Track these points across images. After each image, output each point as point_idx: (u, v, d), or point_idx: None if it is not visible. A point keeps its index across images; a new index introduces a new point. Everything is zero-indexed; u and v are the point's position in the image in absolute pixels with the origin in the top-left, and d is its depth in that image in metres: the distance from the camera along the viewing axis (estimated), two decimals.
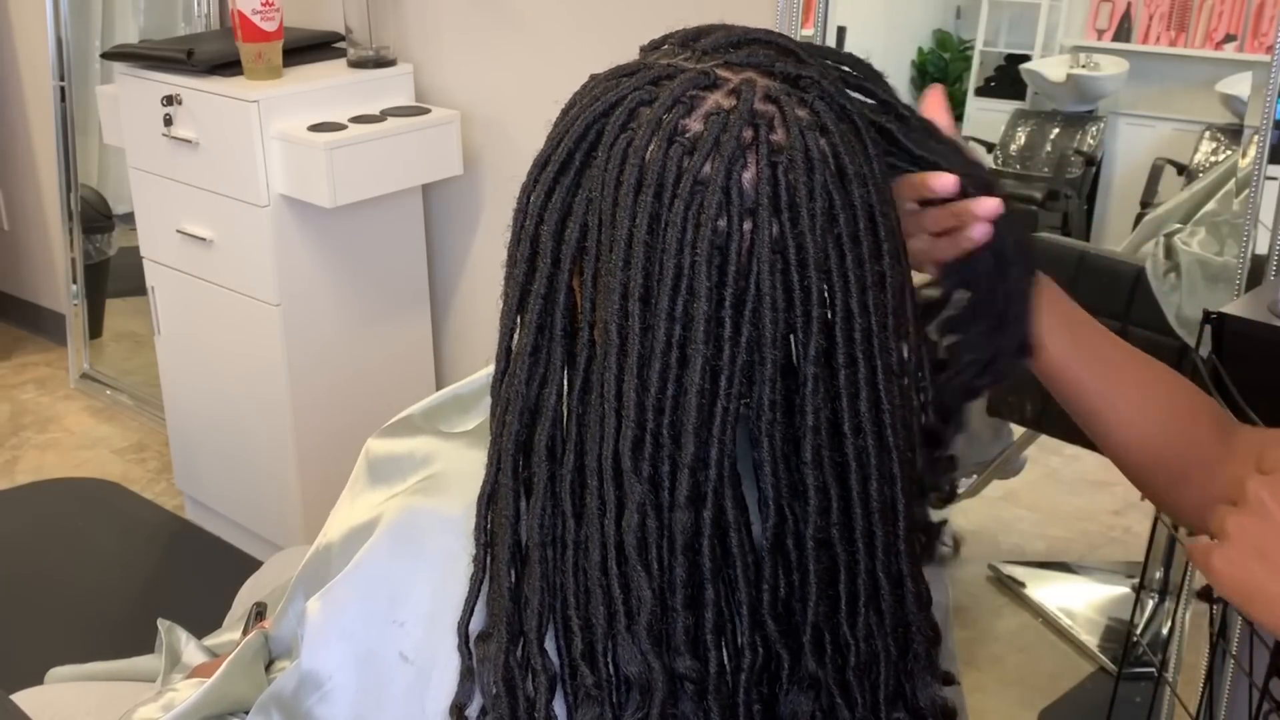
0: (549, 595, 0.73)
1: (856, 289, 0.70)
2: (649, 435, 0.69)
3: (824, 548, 0.72)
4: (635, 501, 0.69)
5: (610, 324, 0.70)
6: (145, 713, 1.03)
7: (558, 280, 0.72)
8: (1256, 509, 0.65)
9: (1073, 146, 2.10)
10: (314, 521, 2.10)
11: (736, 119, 0.69)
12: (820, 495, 0.71)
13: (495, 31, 2.26)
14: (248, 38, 2.14)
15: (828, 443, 0.71)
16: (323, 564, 0.90)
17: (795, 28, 1.86)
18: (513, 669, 0.74)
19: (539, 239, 0.73)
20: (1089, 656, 2.05)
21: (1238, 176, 1.59)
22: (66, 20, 3.09)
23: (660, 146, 0.69)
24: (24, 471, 2.91)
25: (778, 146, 0.69)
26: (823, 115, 0.71)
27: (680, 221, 0.68)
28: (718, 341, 0.69)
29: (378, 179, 2.18)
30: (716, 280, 0.68)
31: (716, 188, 0.68)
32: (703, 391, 0.69)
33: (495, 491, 0.75)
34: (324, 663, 0.82)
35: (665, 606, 0.71)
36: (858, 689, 0.74)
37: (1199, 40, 1.88)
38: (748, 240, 0.68)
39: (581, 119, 0.72)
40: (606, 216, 0.70)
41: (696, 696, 0.71)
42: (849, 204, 0.70)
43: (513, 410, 0.74)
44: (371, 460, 0.90)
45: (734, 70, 0.72)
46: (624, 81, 0.73)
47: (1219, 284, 1.64)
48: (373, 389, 2.38)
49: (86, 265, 3.24)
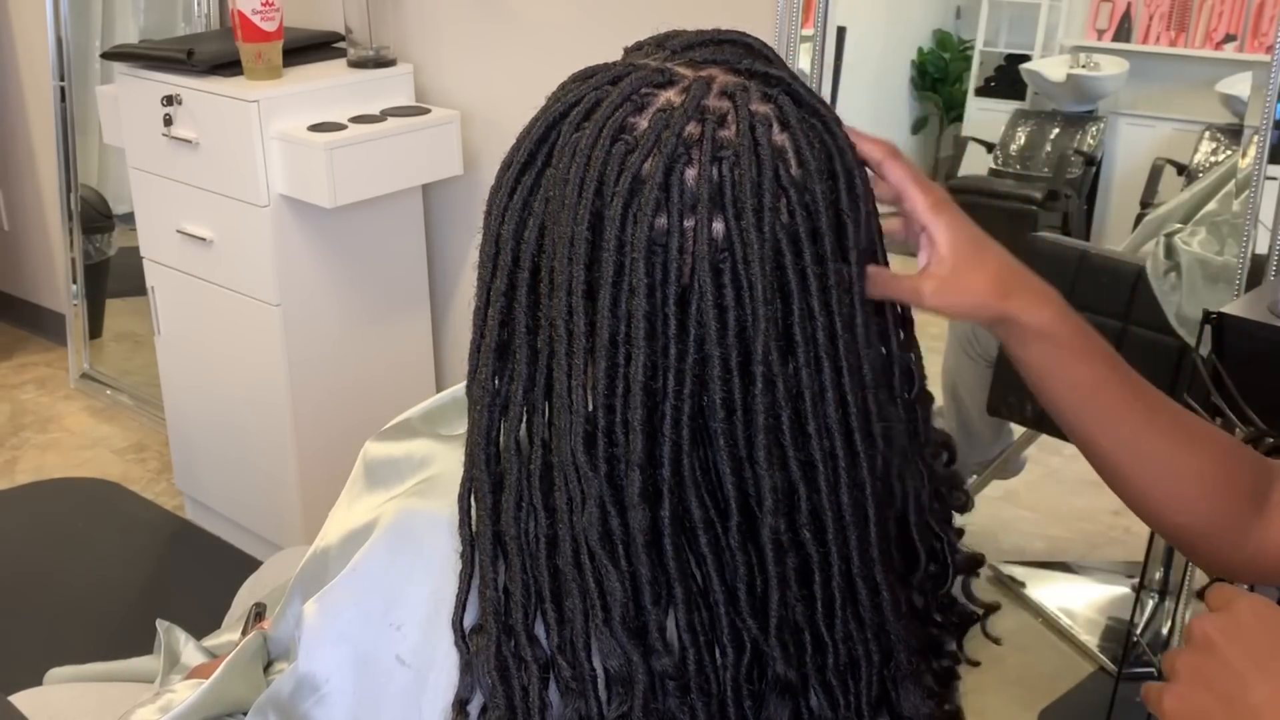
0: (529, 587, 0.74)
1: (817, 288, 0.70)
2: (600, 432, 0.70)
3: (795, 549, 0.71)
4: (594, 496, 0.70)
5: (558, 320, 0.71)
6: (143, 714, 1.03)
7: (518, 278, 0.73)
8: (1204, 646, 0.65)
9: (1073, 146, 2.10)
10: (314, 521, 2.10)
11: (680, 115, 0.69)
12: (777, 496, 0.70)
13: (495, 31, 2.26)
14: (248, 38, 2.14)
15: (793, 444, 0.70)
16: (320, 567, 0.90)
17: (795, 28, 1.86)
18: (506, 659, 0.74)
19: (500, 238, 0.74)
20: (1089, 656, 2.05)
21: (1238, 177, 1.59)
22: (66, 20, 3.09)
23: (605, 144, 0.69)
24: (24, 471, 2.91)
25: (724, 142, 0.69)
26: (785, 109, 0.71)
27: (619, 219, 0.68)
28: (663, 339, 0.69)
29: (378, 179, 2.18)
30: (660, 277, 0.68)
31: (655, 185, 0.68)
32: (649, 389, 0.69)
33: (472, 487, 0.76)
34: (321, 665, 0.82)
35: (639, 602, 0.71)
36: (840, 691, 0.74)
37: (1199, 40, 1.88)
38: (690, 238, 0.68)
39: (542, 120, 0.73)
40: (557, 215, 0.71)
41: (679, 693, 0.72)
42: (807, 201, 0.69)
43: (481, 406, 0.75)
44: (369, 463, 0.90)
45: (695, 68, 0.72)
46: (588, 82, 0.73)
47: (1219, 284, 1.64)
48: (373, 389, 2.38)
49: (86, 265, 3.24)
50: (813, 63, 1.89)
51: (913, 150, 2.36)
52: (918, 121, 2.32)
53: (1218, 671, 0.64)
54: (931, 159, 2.35)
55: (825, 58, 1.90)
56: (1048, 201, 2.12)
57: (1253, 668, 0.63)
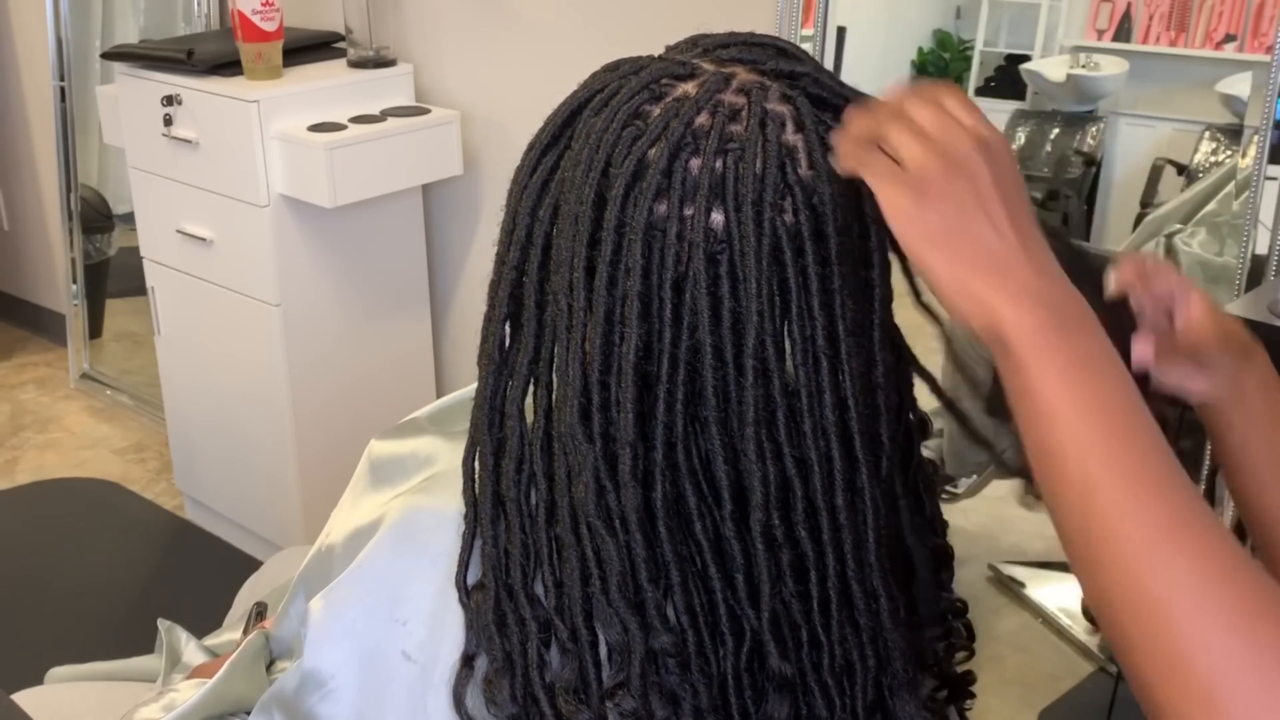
0: (529, 550, 0.75)
1: (818, 288, 0.70)
2: (595, 408, 0.71)
3: (790, 544, 0.72)
4: (589, 469, 0.71)
5: (560, 294, 0.73)
6: (146, 713, 1.03)
7: (530, 253, 0.75)
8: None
9: (1073, 146, 2.10)
10: (314, 521, 2.10)
11: (690, 106, 0.70)
12: (768, 489, 0.71)
13: (495, 31, 2.26)
14: (248, 38, 2.14)
15: (788, 440, 0.71)
16: (325, 564, 0.90)
17: (795, 28, 1.86)
18: (505, 614, 0.75)
19: (518, 214, 0.76)
20: (1089, 656, 2.05)
21: (1238, 177, 1.59)
22: (66, 20, 3.09)
23: (616, 129, 0.71)
24: (24, 471, 2.91)
25: (732, 136, 0.70)
26: (804, 110, 0.71)
27: (620, 200, 0.70)
28: (657, 322, 0.70)
29: (378, 179, 2.18)
30: (657, 261, 0.69)
31: (658, 171, 0.69)
32: (640, 370, 0.70)
33: (476, 450, 0.77)
34: (326, 662, 0.82)
35: (635, 578, 0.72)
36: (835, 692, 0.74)
37: (1199, 40, 1.88)
38: (688, 226, 0.69)
39: (567, 105, 0.75)
40: (567, 194, 0.73)
41: (679, 670, 0.72)
42: (815, 202, 0.70)
43: (487, 373, 0.77)
44: (374, 461, 0.90)
45: (720, 64, 0.73)
46: (615, 71, 0.75)
47: (1219, 284, 1.64)
48: (373, 389, 2.38)
49: (86, 265, 3.24)
50: None
51: None
52: None
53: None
54: None
55: (825, 58, 1.90)
56: (1048, 202, 2.11)
57: None
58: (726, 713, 0.74)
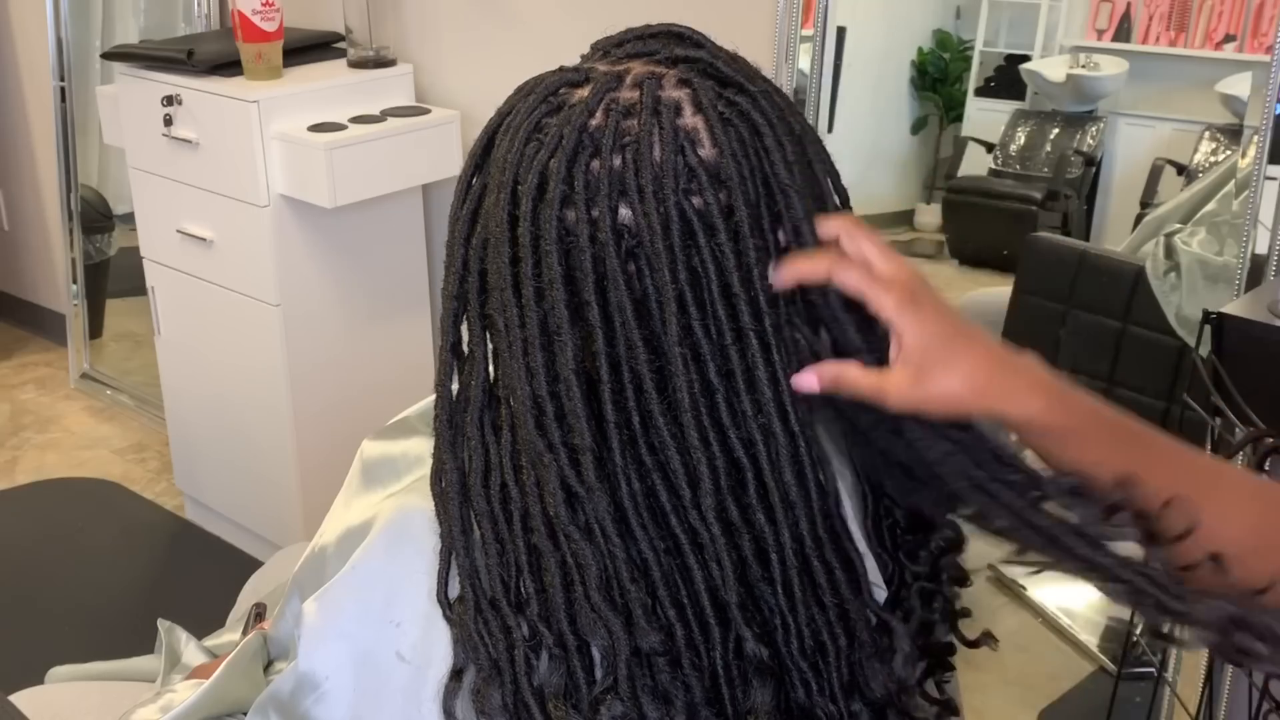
0: (506, 560, 0.75)
1: (735, 264, 0.70)
2: (550, 419, 0.72)
3: (747, 528, 0.72)
4: (555, 479, 0.72)
5: (496, 316, 0.74)
6: (144, 713, 1.03)
7: (468, 281, 0.76)
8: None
9: (1073, 146, 2.10)
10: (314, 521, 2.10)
11: (582, 110, 0.71)
12: (716, 475, 0.71)
13: (495, 31, 2.26)
14: (248, 38, 2.14)
15: (732, 423, 0.71)
16: (318, 566, 0.90)
17: (795, 28, 1.86)
18: (488, 622, 0.75)
19: (453, 244, 0.77)
20: (1089, 656, 2.05)
21: (1237, 177, 1.59)
22: (66, 20, 3.09)
23: (519, 147, 0.73)
24: (24, 471, 2.91)
25: (627, 130, 0.70)
26: (701, 92, 0.72)
27: (530, 215, 0.71)
28: (588, 326, 0.71)
29: (378, 179, 2.18)
30: (578, 267, 0.70)
31: (558, 179, 0.70)
32: (582, 376, 0.71)
33: (440, 470, 0.78)
34: (321, 663, 0.82)
35: (619, 580, 0.72)
36: (811, 675, 0.74)
37: (1199, 40, 1.88)
38: (599, 227, 0.70)
39: (484, 132, 0.77)
40: (487, 219, 0.75)
41: (669, 668, 0.72)
42: (724, 178, 0.70)
43: (442, 404, 0.78)
44: (366, 461, 0.91)
45: (614, 63, 0.74)
46: (520, 91, 0.77)
47: (1219, 284, 1.64)
48: (373, 389, 2.38)
49: (86, 265, 3.24)
50: (813, 63, 1.89)
51: (913, 150, 2.36)
52: (917, 122, 2.32)
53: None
54: (931, 159, 2.36)
55: (825, 58, 1.90)
56: (1047, 202, 2.12)
57: None
58: (719, 705, 0.74)
